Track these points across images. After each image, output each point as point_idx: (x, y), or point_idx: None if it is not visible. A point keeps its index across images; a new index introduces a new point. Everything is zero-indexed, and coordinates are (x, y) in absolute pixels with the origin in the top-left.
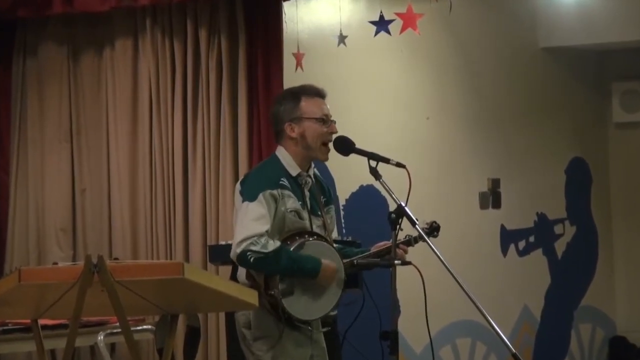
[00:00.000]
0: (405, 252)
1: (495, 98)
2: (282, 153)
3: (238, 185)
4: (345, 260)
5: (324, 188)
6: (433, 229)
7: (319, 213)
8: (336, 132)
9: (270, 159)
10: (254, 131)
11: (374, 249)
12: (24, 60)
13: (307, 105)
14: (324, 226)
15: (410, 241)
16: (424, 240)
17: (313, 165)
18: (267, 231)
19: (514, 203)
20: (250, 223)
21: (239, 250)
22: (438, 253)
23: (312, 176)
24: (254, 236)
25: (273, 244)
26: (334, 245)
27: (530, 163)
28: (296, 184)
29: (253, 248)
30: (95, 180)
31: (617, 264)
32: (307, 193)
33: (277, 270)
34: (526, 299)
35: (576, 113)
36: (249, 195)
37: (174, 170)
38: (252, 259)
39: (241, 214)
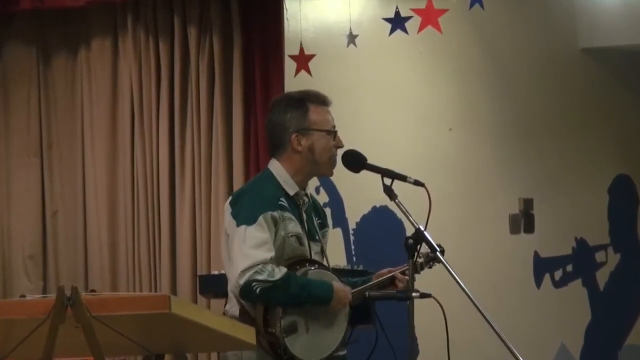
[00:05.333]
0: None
1: (528, 106)
2: (277, 168)
3: (228, 206)
4: (352, 291)
5: (318, 208)
6: (430, 259)
7: (317, 237)
8: (342, 145)
9: (264, 174)
10: (251, 145)
11: (375, 278)
12: None
13: (315, 115)
14: (322, 252)
15: (416, 268)
16: (430, 266)
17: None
18: (271, 258)
19: (549, 227)
20: (251, 250)
21: (242, 282)
22: (462, 284)
23: (308, 195)
24: (258, 264)
25: (279, 271)
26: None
27: (568, 181)
28: (294, 205)
29: (259, 277)
30: (69, 200)
31: None
32: (304, 215)
33: (286, 299)
34: (563, 336)
35: (621, 123)
36: (246, 217)
37: (159, 190)
38: (258, 290)
39: (238, 240)
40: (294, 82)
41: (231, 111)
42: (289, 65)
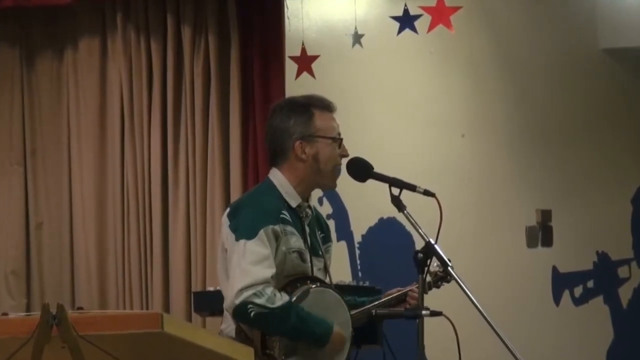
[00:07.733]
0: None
1: (546, 111)
2: (279, 178)
3: (226, 219)
4: (358, 310)
5: (321, 221)
6: (438, 278)
7: (320, 253)
8: (348, 155)
9: (264, 185)
10: (249, 152)
11: (384, 297)
12: None
13: (321, 121)
14: (325, 269)
15: (429, 284)
16: (439, 286)
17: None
18: (272, 276)
19: (569, 240)
20: (251, 267)
21: (238, 301)
22: (475, 301)
23: (311, 207)
24: (258, 284)
25: (281, 298)
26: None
27: (588, 191)
28: (296, 217)
29: (257, 301)
30: (55, 212)
31: None
32: (307, 229)
33: (281, 331)
34: (584, 357)
35: None
36: (245, 231)
37: (151, 200)
38: (252, 314)
39: (237, 255)
40: (295, 85)
41: (228, 116)
42: (290, 67)
